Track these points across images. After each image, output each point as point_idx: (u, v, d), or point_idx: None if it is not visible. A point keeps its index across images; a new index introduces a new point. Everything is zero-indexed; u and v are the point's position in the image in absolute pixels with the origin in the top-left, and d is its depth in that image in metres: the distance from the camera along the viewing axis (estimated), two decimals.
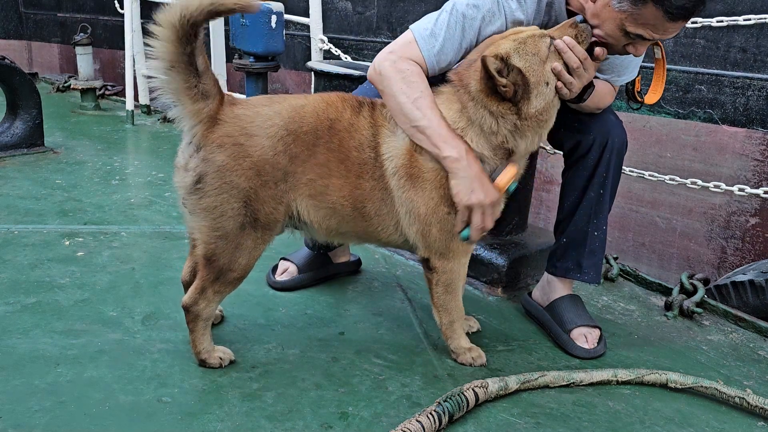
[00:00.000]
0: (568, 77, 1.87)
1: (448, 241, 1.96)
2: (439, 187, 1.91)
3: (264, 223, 1.84)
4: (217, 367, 1.94)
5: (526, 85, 1.84)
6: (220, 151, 1.77)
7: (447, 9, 1.99)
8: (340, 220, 1.95)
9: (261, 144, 1.80)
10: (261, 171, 1.80)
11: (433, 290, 2.05)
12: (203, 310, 1.89)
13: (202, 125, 1.78)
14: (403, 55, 1.97)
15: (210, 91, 1.77)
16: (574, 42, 1.87)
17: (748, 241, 4.69)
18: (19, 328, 2.12)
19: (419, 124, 1.88)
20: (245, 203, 1.80)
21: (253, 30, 4.36)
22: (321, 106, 1.90)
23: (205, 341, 1.93)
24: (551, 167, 5.41)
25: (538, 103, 1.86)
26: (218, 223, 1.80)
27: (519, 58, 1.83)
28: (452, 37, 1.96)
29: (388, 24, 6.51)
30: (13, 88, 4.22)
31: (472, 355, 2.10)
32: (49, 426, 1.66)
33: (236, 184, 1.78)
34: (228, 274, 1.86)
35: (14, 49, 9.57)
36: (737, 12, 4.14)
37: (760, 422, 1.91)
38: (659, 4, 1.79)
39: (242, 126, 1.80)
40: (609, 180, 2.23)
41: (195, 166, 1.78)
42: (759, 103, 4.54)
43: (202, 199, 1.79)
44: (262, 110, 1.84)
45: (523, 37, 1.87)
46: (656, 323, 2.55)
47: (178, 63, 1.70)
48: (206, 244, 1.83)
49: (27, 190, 3.55)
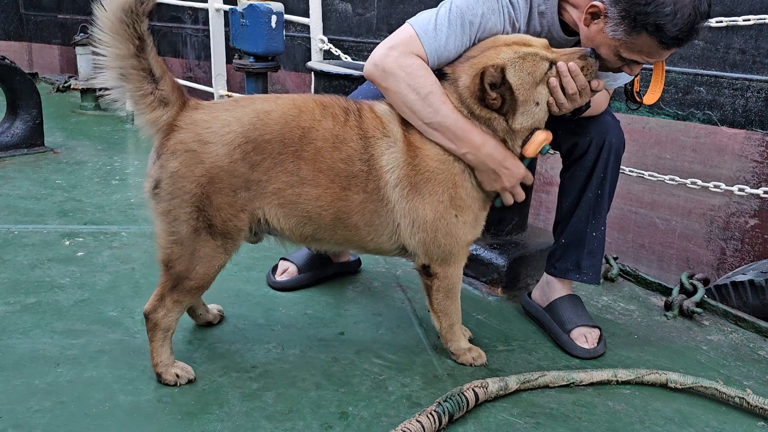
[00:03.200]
0: (561, 97, 1.87)
1: (451, 246, 1.95)
2: (450, 187, 1.89)
3: (222, 230, 1.79)
4: (173, 384, 1.84)
5: (514, 102, 1.85)
6: (174, 158, 1.74)
7: (446, 6, 1.96)
8: (317, 228, 1.90)
9: (215, 151, 1.74)
10: (215, 178, 1.75)
11: (432, 296, 2.04)
12: (162, 319, 1.83)
13: (161, 133, 1.75)
14: (405, 50, 1.90)
15: (169, 97, 1.73)
16: (578, 71, 1.86)
17: (747, 241, 4.69)
18: (19, 328, 2.12)
19: (433, 121, 1.85)
20: (198, 208, 1.76)
21: (253, 30, 4.36)
22: (292, 113, 1.82)
23: (164, 354, 1.86)
24: (551, 168, 5.42)
25: (524, 120, 1.88)
26: (172, 227, 1.77)
27: (513, 74, 1.83)
28: (454, 33, 1.93)
29: (388, 25, 6.52)
30: (13, 88, 4.22)
31: (472, 355, 2.09)
32: (49, 426, 1.66)
33: (188, 190, 1.74)
34: (185, 282, 1.81)
35: (15, 50, 9.58)
36: (736, 13, 4.14)
37: (760, 422, 1.91)
38: (654, 35, 1.81)
39: (197, 132, 1.75)
40: (607, 181, 2.23)
41: (154, 172, 1.77)
42: (758, 105, 4.55)
43: (158, 204, 1.77)
44: (221, 115, 1.78)
45: (526, 52, 1.85)
46: (656, 323, 2.55)
47: (129, 70, 1.66)
48: (163, 249, 1.80)
49: (27, 190, 3.55)
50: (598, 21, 1.88)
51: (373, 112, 1.92)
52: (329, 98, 1.91)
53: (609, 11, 1.84)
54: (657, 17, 1.78)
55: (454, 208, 1.91)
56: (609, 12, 1.84)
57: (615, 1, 1.83)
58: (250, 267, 2.68)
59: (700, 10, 1.80)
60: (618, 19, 1.83)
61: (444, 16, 1.93)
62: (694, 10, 1.79)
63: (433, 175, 1.88)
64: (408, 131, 1.90)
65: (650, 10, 1.78)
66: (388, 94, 1.92)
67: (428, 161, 1.88)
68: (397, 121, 1.91)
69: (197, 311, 2.16)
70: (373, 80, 1.95)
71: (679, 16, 1.77)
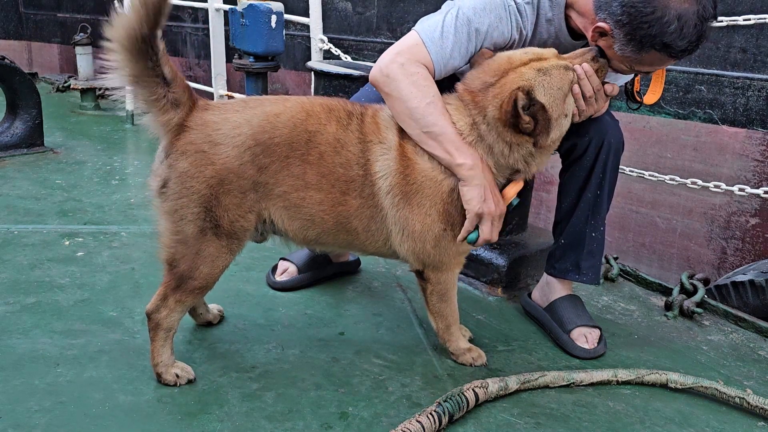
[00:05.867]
0: (582, 104, 1.87)
1: (441, 256, 1.93)
2: (438, 203, 1.87)
3: (228, 230, 1.79)
4: (173, 384, 1.85)
5: (547, 121, 1.79)
6: (183, 158, 1.74)
7: (452, 13, 1.93)
8: (320, 232, 1.90)
9: (225, 153, 1.75)
10: (224, 180, 1.75)
11: (428, 298, 2.04)
12: (164, 319, 1.82)
13: (171, 133, 1.75)
14: (411, 57, 1.89)
15: (180, 99, 1.73)
16: (592, 71, 1.86)
17: (748, 241, 4.69)
18: (19, 328, 2.12)
19: (431, 130, 1.83)
20: (206, 209, 1.76)
21: (253, 30, 4.36)
22: (300, 117, 1.81)
23: (164, 354, 1.86)
24: (551, 168, 5.41)
25: (554, 134, 1.85)
26: (178, 226, 1.77)
27: (544, 93, 1.79)
28: (460, 42, 1.91)
29: (388, 24, 6.51)
30: (13, 88, 4.22)
31: (472, 355, 2.09)
32: (49, 426, 1.66)
33: (196, 190, 1.74)
34: (189, 282, 1.81)
35: (14, 50, 9.57)
36: (737, 12, 4.13)
37: (760, 422, 1.91)
38: (663, 50, 1.80)
39: (207, 133, 1.75)
40: (606, 181, 2.22)
41: (162, 171, 1.77)
42: (759, 104, 4.54)
43: (164, 203, 1.77)
44: (232, 117, 1.78)
45: (548, 67, 1.80)
46: (656, 323, 2.55)
47: (142, 76, 1.67)
48: (168, 248, 1.80)
49: (27, 190, 3.55)
50: (606, 38, 1.87)
51: (374, 118, 1.90)
52: (336, 102, 1.90)
53: (615, 32, 1.83)
54: (663, 36, 1.77)
55: (442, 222, 1.88)
56: (615, 33, 1.83)
57: (619, 24, 1.80)
58: (250, 267, 2.68)
59: (705, 16, 1.77)
60: (624, 40, 1.82)
61: (451, 23, 1.91)
62: (699, 19, 1.76)
63: (420, 188, 1.86)
64: (403, 140, 1.87)
65: (655, 32, 1.77)
66: (389, 100, 1.90)
67: (418, 174, 1.86)
68: (394, 129, 1.89)
69: (198, 310, 2.16)
70: (376, 85, 1.94)
71: (685, 30, 1.76)
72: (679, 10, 1.75)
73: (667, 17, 1.75)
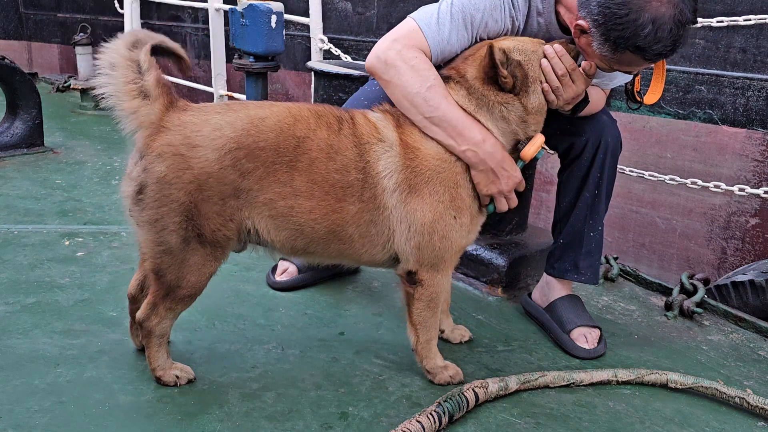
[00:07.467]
0: (554, 80, 1.87)
1: (445, 249, 1.88)
2: (452, 187, 1.85)
3: (211, 239, 1.73)
4: (173, 385, 1.85)
5: (525, 78, 1.86)
6: (160, 161, 1.66)
7: (446, 1, 1.95)
8: (309, 242, 1.83)
9: (204, 156, 1.67)
10: (203, 185, 1.68)
11: (413, 306, 1.93)
12: (156, 327, 1.80)
13: (145, 130, 1.69)
14: (408, 43, 1.88)
15: (151, 91, 1.66)
16: (564, 50, 1.87)
17: (748, 241, 4.69)
18: (19, 328, 2.12)
19: (433, 115, 1.82)
20: (187, 218, 1.69)
21: (253, 30, 4.35)
22: (287, 121, 1.75)
23: (161, 358, 1.85)
24: (551, 168, 5.41)
25: (534, 99, 1.88)
26: (161, 237, 1.71)
27: (519, 53, 1.87)
28: (456, 28, 1.92)
29: (389, 24, 6.50)
30: (13, 88, 4.22)
31: (449, 373, 1.98)
32: (49, 426, 1.66)
33: (176, 198, 1.67)
34: (177, 291, 1.77)
35: (14, 50, 9.56)
36: (737, 12, 4.13)
37: (760, 422, 1.91)
38: (638, 53, 1.80)
39: (186, 135, 1.68)
40: (604, 180, 2.22)
41: (137, 175, 1.69)
42: (759, 104, 4.54)
43: (144, 211, 1.70)
44: (213, 119, 1.70)
45: (523, 38, 1.94)
46: (656, 323, 2.55)
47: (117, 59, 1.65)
48: (152, 259, 1.74)
49: (27, 190, 3.55)
50: (586, 36, 1.87)
51: (366, 119, 1.86)
52: (323, 107, 1.87)
53: (592, 31, 1.83)
54: (636, 39, 1.75)
55: (454, 209, 1.86)
56: (592, 32, 1.83)
57: (596, 23, 1.81)
58: (250, 267, 2.68)
59: (683, 21, 1.74)
60: (601, 40, 1.82)
61: (446, 11, 1.93)
62: (675, 24, 1.73)
63: (434, 174, 1.84)
64: (403, 133, 1.86)
65: (628, 35, 1.75)
66: (388, 87, 1.89)
67: (429, 160, 1.84)
68: (391, 126, 1.86)
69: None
70: (374, 73, 1.92)
71: (660, 34, 1.73)
72: (654, 14, 1.72)
73: (641, 20, 1.72)
